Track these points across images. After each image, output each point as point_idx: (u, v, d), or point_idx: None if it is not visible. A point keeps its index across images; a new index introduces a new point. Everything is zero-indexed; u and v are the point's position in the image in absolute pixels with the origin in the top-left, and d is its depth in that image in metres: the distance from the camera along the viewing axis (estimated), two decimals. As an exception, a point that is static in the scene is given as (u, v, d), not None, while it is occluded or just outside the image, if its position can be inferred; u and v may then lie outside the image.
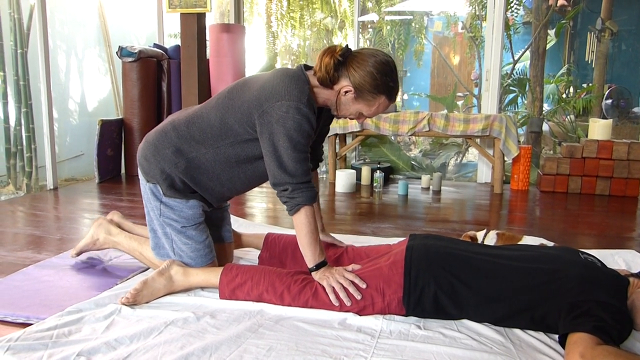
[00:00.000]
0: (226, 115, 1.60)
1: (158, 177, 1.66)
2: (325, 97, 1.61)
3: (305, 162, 1.55)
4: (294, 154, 1.52)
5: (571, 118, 6.11)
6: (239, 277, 1.61)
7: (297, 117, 1.49)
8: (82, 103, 5.10)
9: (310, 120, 1.52)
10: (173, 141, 1.65)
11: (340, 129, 3.94)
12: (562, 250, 1.53)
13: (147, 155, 1.68)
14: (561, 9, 6.81)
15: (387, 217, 3.06)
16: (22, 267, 1.97)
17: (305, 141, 1.53)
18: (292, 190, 1.54)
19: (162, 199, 1.67)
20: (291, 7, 6.73)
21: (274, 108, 1.50)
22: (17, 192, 4.20)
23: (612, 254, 2.13)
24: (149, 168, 1.68)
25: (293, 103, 1.49)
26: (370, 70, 1.52)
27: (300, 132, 1.51)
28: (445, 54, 8.54)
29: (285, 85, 1.52)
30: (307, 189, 1.55)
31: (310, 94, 1.54)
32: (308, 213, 1.56)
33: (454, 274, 1.43)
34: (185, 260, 1.71)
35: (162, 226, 1.71)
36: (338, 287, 1.51)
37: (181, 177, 1.65)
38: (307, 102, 1.51)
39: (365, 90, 1.55)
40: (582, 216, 3.17)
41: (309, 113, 1.51)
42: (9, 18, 4.12)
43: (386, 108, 1.63)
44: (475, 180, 4.42)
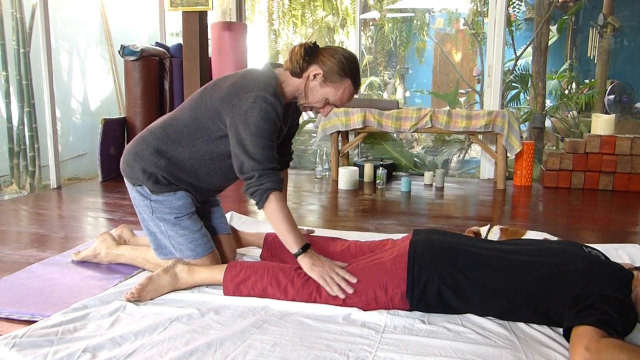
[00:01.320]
0: (199, 114, 1.67)
1: (142, 177, 1.71)
2: (294, 87, 1.68)
3: (272, 150, 1.60)
4: (259, 140, 1.57)
5: (574, 114, 6.09)
6: (243, 272, 1.62)
7: (263, 105, 1.57)
8: (85, 102, 5.11)
9: (277, 109, 1.59)
10: (151, 143, 1.72)
11: (343, 126, 3.94)
12: (566, 244, 1.53)
13: (129, 161, 1.75)
14: (563, 4, 6.79)
15: (390, 213, 3.06)
16: (26, 265, 1.98)
17: (272, 129, 1.59)
18: (259, 177, 1.58)
19: (151, 197, 1.72)
20: (292, 5, 6.73)
21: (242, 100, 1.58)
22: (21, 192, 4.22)
23: (616, 248, 2.13)
24: (132, 172, 1.74)
25: (260, 93, 1.58)
26: (339, 57, 1.63)
27: (266, 119, 1.57)
28: (447, 51, 8.52)
29: (253, 79, 1.62)
30: (274, 174, 1.60)
31: (277, 86, 1.62)
32: (279, 198, 1.60)
33: (457, 268, 1.43)
34: (186, 254, 1.73)
35: (157, 225, 1.74)
36: (330, 280, 1.53)
37: (163, 174, 1.71)
38: (273, 92, 1.59)
39: (334, 72, 1.63)
40: (585, 211, 3.16)
41: (275, 102, 1.58)
42: (11, 17, 4.13)
43: (351, 96, 1.69)
44: (478, 177, 4.41)
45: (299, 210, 3.16)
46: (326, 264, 1.57)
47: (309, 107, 1.72)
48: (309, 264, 1.57)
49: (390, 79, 8.65)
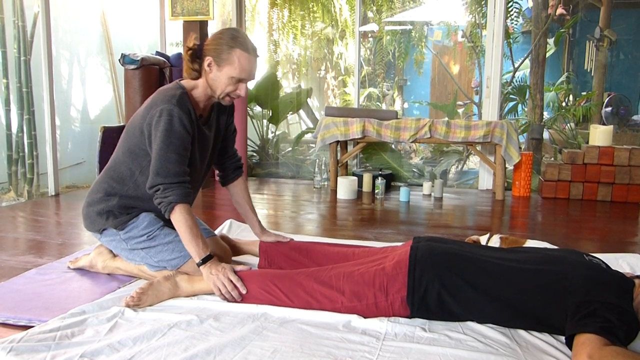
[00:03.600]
0: (128, 144, 1.75)
1: (101, 221, 1.78)
2: (202, 88, 1.72)
3: (178, 164, 1.63)
4: (166, 154, 1.61)
5: (571, 126, 6.12)
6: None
7: (167, 118, 1.61)
8: (84, 110, 5.12)
9: (182, 120, 1.62)
10: (99, 189, 1.80)
11: (342, 136, 3.94)
12: (566, 252, 1.52)
13: (85, 214, 1.83)
14: (560, 17, 6.85)
15: (389, 223, 3.06)
16: (23, 271, 1.96)
17: (178, 142, 1.62)
18: (163, 190, 1.62)
19: (120, 234, 1.78)
20: (292, 16, 6.77)
21: (152, 115, 1.65)
22: (18, 199, 4.20)
23: (616, 257, 2.13)
24: (92, 223, 1.81)
25: (165, 106, 1.63)
26: (217, 36, 1.68)
27: (171, 132, 1.61)
28: (445, 63, 8.57)
29: (160, 94, 1.69)
30: (179, 188, 1.63)
31: (184, 96, 1.67)
32: (183, 210, 1.63)
33: (458, 274, 1.42)
34: (174, 263, 1.76)
35: (137, 254, 1.79)
36: (223, 289, 1.59)
37: (117, 210, 1.78)
38: (178, 103, 1.63)
39: (221, 51, 1.65)
40: (584, 222, 3.16)
41: (180, 113, 1.62)
42: (13, 26, 4.15)
43: (250, 62, 1.68)
44: (476, 187, 4.41)
45: (297, 219, 3.15)
46: (221, 272, 1.60)
47: (224, 96, 1.71)
48: (207, 273, 1.61)
49: (388, 90, 8.68)
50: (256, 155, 5.78)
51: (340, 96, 8.23)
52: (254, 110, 5.80)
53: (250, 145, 5.50)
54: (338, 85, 8.44)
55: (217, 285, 1.60)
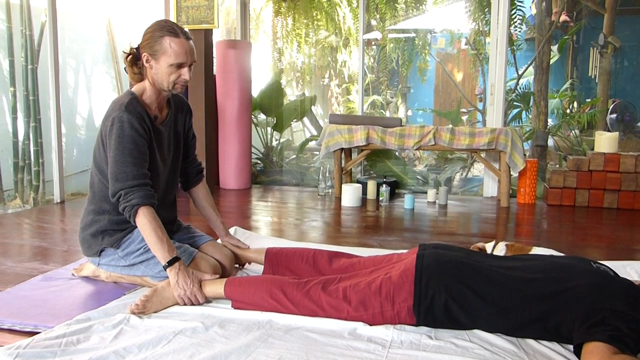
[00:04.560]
0: (95, 161, 1.79)
1: (98, 242, 1.80)
2: (150, 87, 1.75)
3: (136, 167, 1.65)
4: (122, 158, 1.64)
5: (576, 132, 6.11)
6: (241, 287, 1.63)
7: (117, 124, 1.65)
8: (90, 118, 5.15)
9: (133, 124, 1.65)
10: (88, 210, 1.83)
11: (346, 143, 3.95)
12: (574, 260, 1.51)
13: (82, 240, 1.86)
14: (563, 25, 6.86)
15: (393, 230, 3.05)
16: (29, 278, 1.97)
17: (132, 146, 1.65)
18: (125, 194, 1.64)
19: (118, 252, 1.80)
20: (296, 25, 6.81)
21: (105, 127, 1.70)
22: (24, 206, 4.22)
23: (624, 265, 2.11)
24: (90, 246, 1.83)
25: (115, 114, 1.67)
26: (145, 32, 1.72)
27: (123, 137, 1.64)
28: (449, 70, 8.59)
29: (111, 106, 1.73)
30: (141, 190, 1.65)
31: (133, 101, 1.70)
32: (147, 213, 1.64)
33: (465, 283, 1.41)
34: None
35: (136, 269, 1.81)
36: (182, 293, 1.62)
37: (110, 228, 1.79)
38: (127, 108, 1.66)
39: (151, 44, 1.68)
40: (590, 229, 3.15)
41: (130, 117, 1.65)
42: (21, 35, 4.20)
43: (182, 44, 1.68)
44: (481, 195, 4.40)
45: (302, 226, 3.15)
46: (190, 278, 1.63)
47: (172, 85, 1.72)
48: (174, 280, 1.63)
49: (392, 98, 8.70)
50: (260, 162, 5.79)
51: (344, 104, 8.25)
52: (258, 117, 5.82)
53: (255, 153, 5.52)
54: (342, 93, 8.47)
55: (183, 299, 1.63)
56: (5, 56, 4.22)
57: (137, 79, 1.77)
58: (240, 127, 4.40)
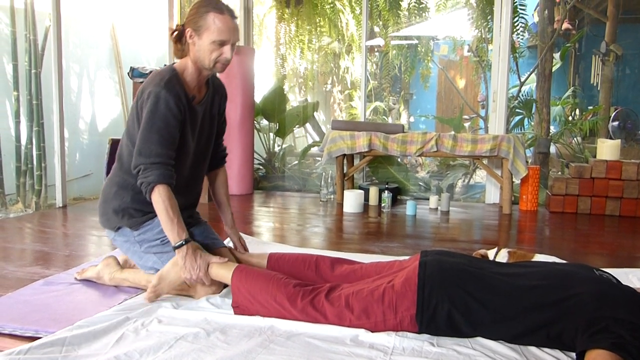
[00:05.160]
0: (128, 132, 1.77)
1: (116, 219, 1.79)
2: (192, 64, 1.73)
3: (161, 145, 1.64)
4: (149, 134, 1.63)
5: (578, 140, 6.10)
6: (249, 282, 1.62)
7: (153, 99, 1.63)
8: (93, 122, 5.16)
9: (168, 103, 1.64)
10: (113, 181, 1.81)
11: (348, 149, 3.95)
12: (576, 267, 1.51)
13: (102, 211, 1.84)
14: (566, 32, 6.88)
15: (395, 236, 3.04)
16: (30, 282, 1.97)
17: (162, 123, 1.63)
18: (144, 170, 1.63)
19: (134, 234, 1.79)
20: (299, 31, 6.84)
21: (143, 99, 1.67)
22: (26, 210, 4.22)
23: (626, 272, 2.10)
24: (108, 220, 1.82)
25: (153, 88, 1.65)
26: (191, 8, 1.71)
27: (155, 113, 1.63)
28: (451, 77, 8.60)
29: (150, 79, 1.70)
30: (160, 168, 1.63)
31: (174, 79, 1.68)
32: (162, 191, 1.63)
33: (468, 291, 1.41)
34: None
35: (149, 259, 1.81)
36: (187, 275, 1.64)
37: (133, 207, 1.78)
38: (166, 85, 1.65)
39: (195, 19, 1.67)
40: (592, 236, 3.14)
41: (167, 95, 1.64)
42: (25, 39, 4.22)
43: (226, 21, 1.67)
44: (483, 201, 4.40)
45: (303, 232, 3.15)
46: (197, 262, 1.63)
47: (213, 64, 1.71)
48: (182, 262, 1.64)
49: (394, 104, 8.72)
50: (262, 168, 5.79)
51: (347, 110, 8.27)
52: (260, 123, 5.83)
53: (257, 159, 5.52)
54: (344, 99, 8.48)
55: (185, 271, 1.64)
56: (9, 60, 4.24)
57: (180, 55, 1.76)
58: (242, 133, 4.41)
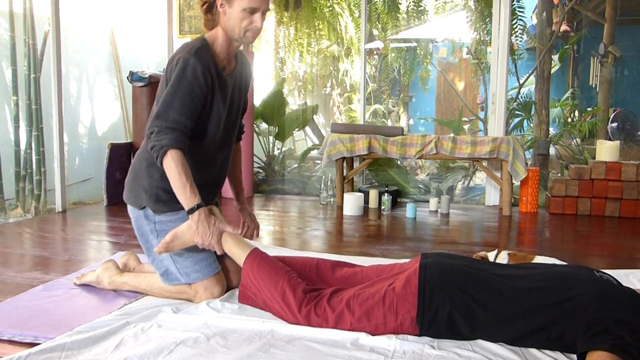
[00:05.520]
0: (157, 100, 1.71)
1: (143, 197, 1.74)
2: (222, 33, 1.70)
3: (180, 113, 1.60)
4: (171, 99, 1.60)
5: (577, 141, 6.11)
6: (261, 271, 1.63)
7: (182, 64, 1.61)
8: (92, 127, 5.17)
9: (196, 70, 1.61)
10: (143, 157, 1.77)
11: (348, 152, 3.95)
12: (576, 268, 1.51)
13: (131, 187, 1.80)
14: (564, 34, 6.89)
15: (395, 239, 3.04)
16: (30, 288, 1.96)
17: (186, 90, 1.61)
18: (157, 132, 1.61)
19: (155, 219, 1.75)
20: (298, 34, 6.84)
21: (170, 67, 1.66)
22: (25, 215, 4.22)
23: (627, 274, 2.10)
24: (134, 197, 1.78)
25: (182, 54, 1.63)
26: None
27: (182, 79, 1.60)
28: (450, 79, 8.62)
29: (181, 47, 1.69)
30: (175, 133, 1.60)
31: (204, 48, 1.66)
32: (175, 156, 1.60)
33: (468, 293, 1.40)
34: (192, 277, 1.74)
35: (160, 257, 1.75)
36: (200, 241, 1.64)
37: (163, 188, 1.72)
38: (196, 53, 1.63)
39: None
40: (592, 237, 3.13)
41: (195, 63, 1.61)
42: (24, 44, 4.22)
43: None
44: (483, 203, 4.39)
45: (303, 235, 3.14)
46: (210, 229, 1.63)
47: (243, 32, 1.67)
48: (194, 228, 1.63)
49: (394, 107, 8.73)
50: (262, 171, 5.80)
51: (346, 113, 8.28)
52: (260, 127, 5.84)
53: (257, 162, 5.52)
54: (344, 102, 8.49)
55: (198, 236, 1.63)
56: (8, 65, 4.24)
57: (210, 25, 1.73)
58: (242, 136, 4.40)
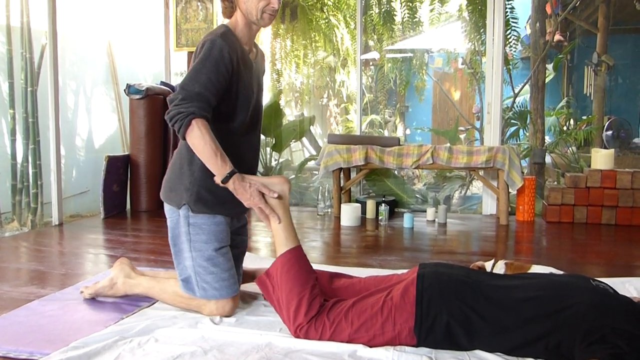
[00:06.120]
0: None
1: (184, 196, 1.71)
2: (242, 18, 1.73)
3: (206, 88, 1.59)
4: (197, 75, 1.60)
5: (573, 149, 6.14)
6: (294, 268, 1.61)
7: (209, 45, 1.62)
8: (89, 139, 5.17)
9: (222, 50, 1.62)
10: (183, 155, 1.74)
11: (345, 163, 3.96)
12: (573, 277, 1.51)
13: (171, 185, 1.77)
14: (558, 44, 6.96)
15: (393, 249, 3.04)
16: (26, 303, 1.95)
17: (213, 67, 1.61)
18: (182, 99, 1.57)
19: (190, 219, 1.70)
20: (295, 46, 6.89)
21: (198, 49, 1.67)
22: (22, 228, 4.20)
23: (623, 282, 2.11)
24: (175, 195, 1.74)
25: (210, 37, 1.66)
26: None
27: (209, 56, 1.61)
28: (446, 89, 8.67)
29: (205, 36, 1.70)
30: (201, 102, 1.58)
31: (228, 32, 1.69)
32: (201, 125, 1.57)
33: (466, 303, 1.41)
34: (210, 293, 1.71)
35: (190, 257, 1.72)
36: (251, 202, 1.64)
37: (204, 186, 1.70)
38: (222, 36, 1.65)
39: None
40: (589, 245, 3.14)
41: (222, 43, 1.62)
42: (21, 57, 4.24)
43: None
44: (480, 212, 4.40)
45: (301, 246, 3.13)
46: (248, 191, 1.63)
47: (260, 14, 1.69)
48: (234, 194, 1.63)
49: (390, 117, 8.77)
50: (259, 182, 5.78)
51: (343, 123, 8.30)
52: (257, 137, 5.84)
53: (254, 173, 5.52)
54: (340, 113, 8.53)
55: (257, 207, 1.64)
56: (5, 79, 4.26)
57: (228, 12, 1.75)
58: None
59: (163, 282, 1.85)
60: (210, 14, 4.39)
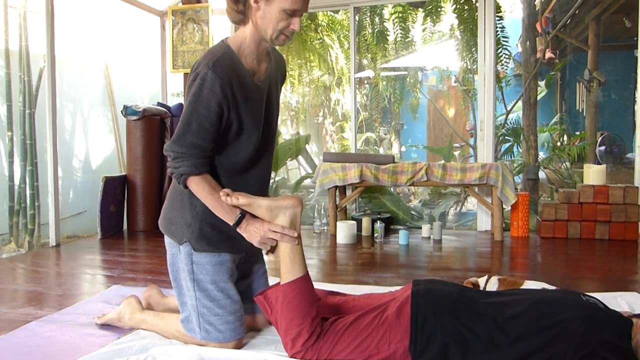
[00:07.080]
0: None
1: (185, 232, 1.63)
2: (251, 34, 1.55)
3: (198, 136, 1.49)
4: (188, 121, 1.49)
5: (566, 165, 6.20)
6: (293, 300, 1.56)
7: (199, 82, 1.47)
8: (86, 160, 5.20)
9: (214, 87, 1.47)
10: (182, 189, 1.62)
11: (340, 181, 4.00)
12: (564, 293, 1.54)
13: (170, 218, 1.68)
14: (549, 61, 7.08)
15: (389, 266, 3.06)
16: (23, 324, 1.96)
17: (204, 111, 1.48)
18: (173, 159, 1.53)
19: (193, 256, 1.62)
20: (290, 65, 6.99)
21: (191, 79, 1.52)
22: (19, 250, 4.20)
23: (615, 296, 2.13)
24: (176, 230, 1.66)
25: (201, 69, 1.49)
26: None
27: (199, 98, 1.47)
28: (440, 107, 8.77)
29: (203, 56, 1.54)
30: (191, 158, 1.51)
31: (225, 57, 1.51)
32: (197, 181, 1.54)
33: (460, 321, 1.42)
34: (213, 336, 1.63)
35: (192, 297, 1.63)
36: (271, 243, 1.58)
37: (207, 221, 1.62)
38: (214, 66, 1.48)
39: None
40: (583, 260, 3.17)
41: (214, 79, 1.46)
42: (19, 80, 4.29)
43: None
44: (475, 229, 4.43)
45: (297, 264, 3.15)
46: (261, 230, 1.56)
47: (277, 35, 1.53)
48: (247, 236, 1.59)
49: (385, 134, 8.84)
50: (256, 201, 5.80)
51: (338, 141, 8.37)
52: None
53: (250, 191, 5.54)
54: (336, 131, 8.60)
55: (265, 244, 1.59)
56: (3, 101, 4.30)
57: (238, 18, 1.53)
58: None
59: (166, 319, 1.80)
60: (206, 36, 4.47)
